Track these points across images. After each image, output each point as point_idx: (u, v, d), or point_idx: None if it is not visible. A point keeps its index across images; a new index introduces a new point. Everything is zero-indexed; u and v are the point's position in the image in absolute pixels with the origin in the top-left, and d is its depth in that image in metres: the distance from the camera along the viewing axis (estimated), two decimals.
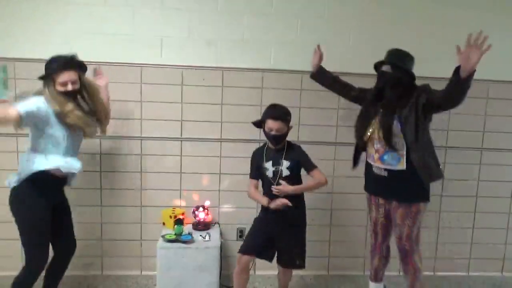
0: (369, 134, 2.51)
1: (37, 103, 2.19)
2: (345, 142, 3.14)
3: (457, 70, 2.14)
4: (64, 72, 2.26)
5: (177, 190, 3.22)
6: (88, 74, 2.51)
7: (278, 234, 2.57)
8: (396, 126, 2.39)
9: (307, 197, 2.67)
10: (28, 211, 2.29)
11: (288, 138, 2.62)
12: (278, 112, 2.50)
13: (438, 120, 3.24)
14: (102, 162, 3.11)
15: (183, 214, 3.09)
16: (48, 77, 2.26)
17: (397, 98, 2.41)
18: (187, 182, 3.22)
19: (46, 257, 2.39)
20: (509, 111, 3.35)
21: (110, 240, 3.19)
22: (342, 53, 3.12)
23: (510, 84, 3.31)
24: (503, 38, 3.20)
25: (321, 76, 2.80)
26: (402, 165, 2.42)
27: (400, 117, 2.39)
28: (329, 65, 2.81)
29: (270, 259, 2.64)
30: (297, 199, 2.56)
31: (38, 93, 2.29)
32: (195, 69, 3.08)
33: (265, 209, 2.59)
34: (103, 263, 3.21)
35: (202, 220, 3.09)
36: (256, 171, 2.66)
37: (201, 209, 3.09)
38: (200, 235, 2.99)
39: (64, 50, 2.35)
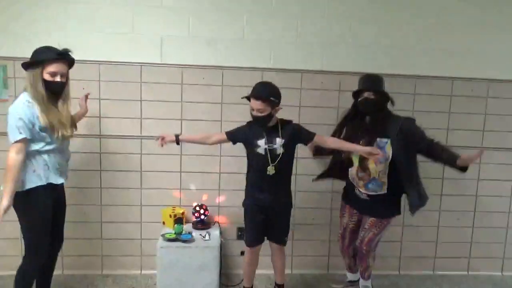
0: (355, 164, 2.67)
1: (21, 115, 2.18)
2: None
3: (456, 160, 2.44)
4: (58, 62, 2.26)
5: (177, 189, 3.22)
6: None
7: (269, 219, 2.63)
8: (383, 152, 2.52)
9: (307, 196, 2.68)
10: (31, 212, 2.30)
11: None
12: (260, 92, 2.39)
13: (438, 118, 3.27)
14: (102, 161, 3.11)
15: (183, 213, 3.09)
16: (39, 65, 2.23)
17: (380, 122, 2.56)
18: (187, 181, 3.22)
19: (46, 247, 2.39)
20: (509, 110, 3.35)
21: (110, 239, 3.19)
22: (343, 52, 3.14)
23: (510, 84, 3.32)
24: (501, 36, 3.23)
25: (320, 151, 2.85)
26: (384, 190, 2.61)
27: (384, 145, 2.54)
28: (332, 65, 2.82)
29: (267, 238, 2.73)
30: (285, 193, 2.64)
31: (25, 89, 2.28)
32: (195, 68, 3.09)
33: (252, 195, 2.62)
34: (103, 262, 3.21)
35: (202, 219, 3.09)
36: (237, 138, 2.59)
37: (201, 208, 3.09)
38: (200, 234, 2.99)
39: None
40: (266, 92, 2.39)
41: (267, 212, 2.60)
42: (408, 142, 2.50)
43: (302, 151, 2.93)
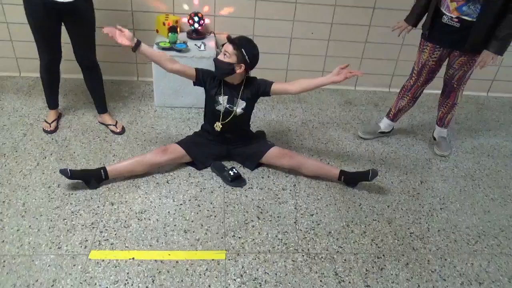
0: None
1: None
2: None
3: None
4: None
5: None
6: None
7: (230, 151, 2.45)
8: None
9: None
10: (27, 13, 2.25)
11: None
12: (239, 39, 2.15)
13: None
14: None
15: (177, 21, 2.95)
16: None
17: None
18: None
19: (46, 56, 2.42)
20: None
21: (105, 46, 3.13)
22: None
23: None
24: None
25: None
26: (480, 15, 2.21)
27: None
28: None
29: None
30: (245, 133, 2.47)
31: None
32: None
33: (207, 132, 2.41)
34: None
35: (196, 28, 2.98)
36: (204, 80, 2.27)
37: (196, 17, 2.94)
38: (195, 44, 2.93)
39: None
40: (243, 44, 2.14)
41: (225, 149, 2.44)
42: None
43: None
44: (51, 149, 2.46)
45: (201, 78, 2.27)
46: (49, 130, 2.60)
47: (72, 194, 2.12)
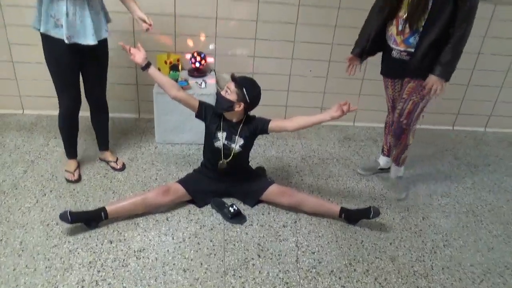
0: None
1: None
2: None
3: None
4: None
5: (171, 34, 3.09)
6: None
7: (230, 189, 2.45)
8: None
9: None
10: (50, 57, 2.21)
11: None
12: (242, 79, 2.21)
13: None
14: None
15: (178, 60, 3.02)
16: None
17: None
18: (182, 26, 3.07)
19: (67, 101, 2.36)
20: None
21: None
22: None
23: None
24: None
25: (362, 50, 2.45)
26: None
27: None
28: None
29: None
30: (245, 171, 2.48)
31: None
32: None
33: (207, 168, 2.43)
34: None
35: (198, 67, 3.05)
36: (206, 113, 2.30)
37: (198, 57, 3.02)
38: (196, 82, 2.98)
39: None
40: (246, 84, 2.19)
41: (224, 187, 2.44)
42: None
43: None
44: (51, 186, 2.45)
45: (203, 111, 2.30)
46: (73, 179, 2.50)
47: (70, 232, 2.10)
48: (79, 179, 2.54)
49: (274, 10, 3.07)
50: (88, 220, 2.13)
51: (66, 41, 2.08)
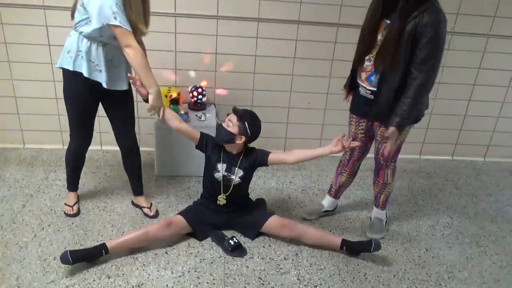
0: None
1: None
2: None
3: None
4: None
5: (172, 69, 3.15)
6: None
7: (230, 221, 2.43)
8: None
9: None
10: (72, 94, 2.20)
11: None
12: (244, 112, 2.24)
13: None
14: None
15: (179, 93, 3.07)
16: None
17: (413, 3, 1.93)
18: (182, 61, 3.13)
19: (78, 138, 2.35)
20: None
21: (106, 117, 3.22)
22: None
23: None
24: None
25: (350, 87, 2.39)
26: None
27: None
28: None
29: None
30: (245, 202, 2.49)
31: None
32: None
33: (206, 199, 2.44)
34: (102, 138, 3.29)
35: (198, 100, 3.09)
36: (206, 145, 2.33)
37: (199, 90, 3.07)
38: (196, 115, 3.02)
39: None
40: (247, 118, 2.23)
41: (225, 219, 2.42)
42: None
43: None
44: (49, 220, 2.43)
45: (203, 142, 2.32)
46: (72, 213, 2.48)
47: (67, 267, 2.06)
48: (77, 213, 2.51)
49: (273, 44, 3.15)
50: (90, 258, 2.09)
51: (105, 86, 2.11)
